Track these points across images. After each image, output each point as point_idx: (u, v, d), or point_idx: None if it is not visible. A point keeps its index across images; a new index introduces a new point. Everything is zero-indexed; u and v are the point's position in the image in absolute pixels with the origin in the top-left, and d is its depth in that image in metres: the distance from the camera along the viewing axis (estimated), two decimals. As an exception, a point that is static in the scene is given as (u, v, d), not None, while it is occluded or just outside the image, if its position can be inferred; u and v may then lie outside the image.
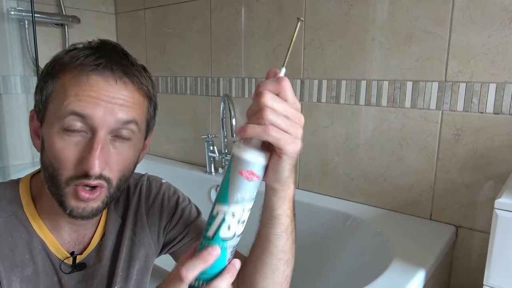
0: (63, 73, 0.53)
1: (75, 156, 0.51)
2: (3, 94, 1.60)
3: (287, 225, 0.52)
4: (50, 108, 0.53)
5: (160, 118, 1.87)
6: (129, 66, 0.55)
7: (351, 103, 1.26)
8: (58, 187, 0.52)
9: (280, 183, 0.48)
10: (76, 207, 0.53)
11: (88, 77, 0.52)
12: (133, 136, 0.55)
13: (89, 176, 0.50)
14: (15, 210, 0.57)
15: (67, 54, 0.54)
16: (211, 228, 0.44)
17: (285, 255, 0.54)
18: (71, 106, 0.50)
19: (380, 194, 1.24)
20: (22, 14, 1.58)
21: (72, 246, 0.61)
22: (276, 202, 0.50)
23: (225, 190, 0.43)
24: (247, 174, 0.43)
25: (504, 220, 0.69)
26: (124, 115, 0.53)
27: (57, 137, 0.51)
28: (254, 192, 0.44)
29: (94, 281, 0.62)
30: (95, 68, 0.52)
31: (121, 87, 0.53)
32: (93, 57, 0.52)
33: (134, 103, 0.55)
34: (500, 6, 0.98)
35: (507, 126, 1.01)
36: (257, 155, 0.44)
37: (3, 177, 1.55)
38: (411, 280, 0.83)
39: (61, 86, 0.52)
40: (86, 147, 0.51)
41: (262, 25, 1.45)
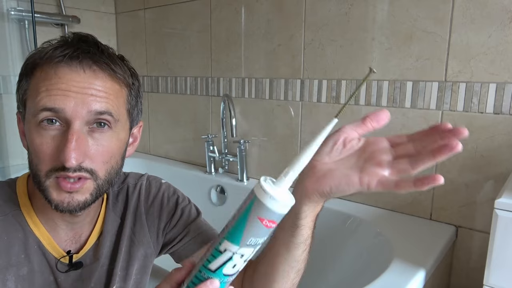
0: (35, 69, 0.53)
1: (52, 149, 0.51)
2: (3, 94, 1.60)
3: (307, 237, 0.51)
4: (27, 106, 0.53)
5: (160, 118, 1.89)
6: (99, 54, 0.53)
7: (351, 103, 1.26)
8: (39, 182, 0.52)
9: (322, 199, 0.46)
10: (61, 201, 0.52)
11: (56, 70, 0.51)
12: (112, 126, 0.54)
13: (67, 168, 0.50)
14: (12, 209, 0.57)
15: (37, 51, 0.54)
16: (215, 262, 0.41)
17: (297, 264, 0.54)
18: (43, 102, 0.50)
19: (380, 194, 1.24)
20: (22, 14, 1.58)
21: (69, 245, 0.61)
22: (304, 211, 0.48)
23: (239, 231, 0.40)
24: (267, 222, 0.39)
25: (504, 220, 0.69)
26: (97, 106, 0.51)
27: (35, 132, 0.51)
28: (267, 236, 0.41)
29: (92, 280, 0.62)
30: (61, 59, 0.51)
31: (91, 76, 0.52)
32: (61, 49, 0.52)
33: (107, 92, 0.53)
34: (500, 6, 0.98)
35: (507, 126, 1.01)
36: (284, 207, 0.39)
37: (3, 177, 1.55)
38: (411, 280, 0.83)
39: (34, 83, 0.52)
40: (62, 140, 0.50)
41: (262, 25, 1.45)
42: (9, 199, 0.58)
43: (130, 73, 0.58)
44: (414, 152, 0.42)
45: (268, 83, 1.45)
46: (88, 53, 0.52)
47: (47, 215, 0.59)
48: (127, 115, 0.58)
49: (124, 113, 0.57)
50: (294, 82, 1.38)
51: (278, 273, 0.54)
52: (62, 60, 0.51)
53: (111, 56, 0.55)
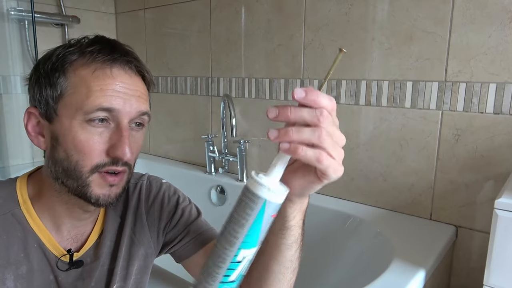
0: (77, 68, 0.54)
1: (101, 145, 0.54)
2: (3, 94, 1.59)
3: (298, 235, 0.52)
4: (67, 102, 0.54)
5: (160, 118, 1.89)
6: (139, 61, 0.59)
7: (351, 103, 1.26)
8: (79, 178, 0.54)
9: (301, 198, 0.47)
10: (103, 194, 0.55)
11: (111, 70, 0.55)
12: (145, 125, 0.60)
13: (118, 162, 0.54)
14: (11, 208, 0.57)
15: (72, 49, 0.56)
16: (235, 272, 0.41)
17: (292, 264, 0.54)
18: (99, 101, 0.53)
19: (380, 194, 1.24)
20: (22, 14, 1.58)
21: (70, 244, 0.61)
22: (291, 213, 0.49)
23: (255, 235, 0.40)
24: (275, 215, 0.41)
25: (504, 220, 0.69)
26: (142, 106, 0.57)
27: (80, 129, 0.53)
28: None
29: (92, 279, 0.62)
30: (114, 61, 0.55)
31: (137, 80, 0.58)
32: (107, 50, 0.55)
33: (146, 95, 0.59)
34: (500, 6, 0.98)
35: (507, 126, 1.01)
36: (284, 195, 0.41)
37: (3, 177, 1.55)
38: (411, 280, 0.83)
39: (80, 81, 0.54)
40: (113, 136, 0.54)
41: (262, 25, 1.45)
42: (8, 198, 0.58)
43: (150, 77, 0.63)
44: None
45: (268, 83, 1.45)
46: (136, 59, 0.58)
47: (51, 214, 0.59)
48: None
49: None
50: (294, 82, 1.38)
51: (275, 276, 0.55)
52: (116, 62, 0.55)
53: (143, 63, 0.61)
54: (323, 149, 0.39)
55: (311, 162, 0.39)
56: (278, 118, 0.39)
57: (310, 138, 0.38)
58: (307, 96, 0.38)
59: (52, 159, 0.56)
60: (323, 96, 0.39)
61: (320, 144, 0.38)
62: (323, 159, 0.39)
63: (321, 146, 0.39)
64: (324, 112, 0.38)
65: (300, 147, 0.38)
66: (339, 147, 0.41)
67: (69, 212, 0.59)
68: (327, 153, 0.39)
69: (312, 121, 0.38)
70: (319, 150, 0.39)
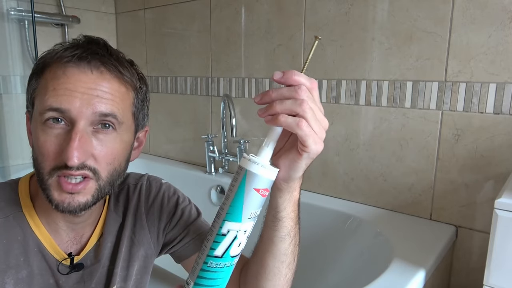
0: (45, 69, 0.54)
1: (56, 148, 0.51)
2: (3, 94, 1.59)
3: (291, 228, 0.52)
4: (36, 104, 0.54)
5: (160, 118, 1.89)
6: (107, 56, 0.54)
7: (351, 103, 1.26)
8: (42, 180, 0.52)
9: (289, 183, 0.47)
10: (61, 201, 0.52)
11: (64, 69, 0.52)
12: (117, 128, 0.54)
13: (69, 167, 0.50)
14: (13, 211, 0.57)
15: (49, 52, 0.55)
16: (221, 246, 0.42)
17: (287, 258, 0.54)
18: (50, 101, 0.51)
19: (380, 194, 1.24)
20: (22, 14, 1.58)
21: (70, 246, 0.61)
22: (281, 204, 0.49)
23: (238, 207, 0.41)
24: (263, 191, 0.42)
25: (504, 220, 0.69)
26: (102, 107, 0.52)
27: (40, 130, 0.52)
28: (262, 206, 0.44)
29: (92, 281, 0.62)
30: (70, 59, 0.52)
31: (98, 77, 0.52)
32: (71, 50, 0.53)
33: (113, 94, 0.53)
34: (500, 6, 0.98)
35: (507, 126, 1.01)
36: (274, 172, 0.43)
37: (3, 177, 1.55)
38: (411, 280, 0.83)
39: (43, 82, 0.53)
40: (66, 138, 0.51)
41: (262, 25, 1.45)
42: (10, 201, 0.58)
43: (138, 77, 0.59)
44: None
45: (268, 83, 1.45)
46: (97, 55, 0.53)
47: (49, 216, 0.59)
48: (132, 118, 0.58)
49: (129, 116, 0.57)
50: (294, 82, 1.38)
51: (270, 270, 0.55)
52: (71, 60, 0.52)
53: (120, 59, 0.56)
54: (303, 117, 0.41)
55: (291, 127, 0.41)
56: (262, 101, 0.43)
57: (291, 106, 0.42)
58: (285, 75, 0.42)
59: (32, 159, 0.56)
60: (301, 75, 0.42)
61: (301, 113, 0.41)
62: (302, 125, 0.41)
63: (302, 114, 0.41)
64: (302, 87, 0.42)
65: (281, 114, 0.42)
66: (321, 125, 0.43)
67: (62, 216, 0.58)
68: (307, 121, 0.41)
69: (291, 94, 0.42)
70: (299, 117, 0.41)
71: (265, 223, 0.53)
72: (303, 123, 0.41)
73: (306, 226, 0.55)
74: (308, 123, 0.41)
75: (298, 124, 0.41)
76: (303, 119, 0.41)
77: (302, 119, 0.41)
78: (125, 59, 0.58)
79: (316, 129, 0.42)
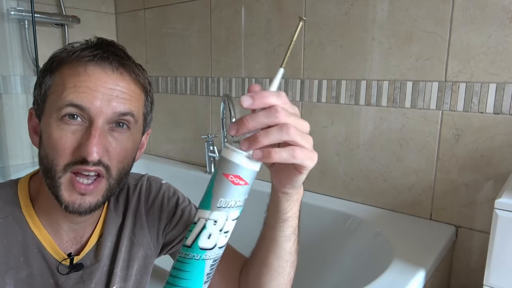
0: (61, 67, 0.54)
1: (73, 143, 0.51)
2: (3, 94, 1.59)
3: (296, 226, 0.52)
4: (49, 101, 0.54)
5: (160, 118, 1.89)
6: (126, 58, 0.56)
7: (351, 103, 1.26)
8: (53, 178, 0.52)
9: (294, 189, 0.48)
10: (72, 202, 0.52)
11: (86, 68, 0.53)
12: (131, 127, 0.56)
13: (87, 162, 0.50)
14: (13, 211, 0.57)
15: (64, 50, 0.55)
16: (191, 235, 0.40)
17: (291, 257, 0.54)
18: (70, 97, 0.51)
19: (380, 194, 1.24)
20: (22, 14, 1.58)
21: (70, 246, 0.61)
22: (288, 205, 0.49)
23: (208, 194, 0.40)
24: (233, 178, 0.39)
25: (504, 220, 0.69)
26: (121, 107, 0.54)
27: (55, 126, 0.52)
28: (241, 199, 0.40)
29: (92, 281, 0.62)
30: (92, 58, 0.53)
31: (118, 78, 0.54)
32: (90, 49, 0.54)
33: (130, 94, 0.55)
34: (500, 6, 0.98)
35: (507, 126, 1.01)
36: (250, 160, 0.39)
37: (3, 177, 1.55)
38: (411, 280, 0.83)
39: (60, 79, 0.53)
40: (84, 134, 0.51)
41: (262, 25, 1.45)
42: (10, 201, 0.58)
43: (148, 81, 0.61)
44: None
45: (268, 83, 1.45)
46: (117, 56, 0.55)
47: (49, 216, 0.59)
48: (143, 118, 0.60)
49: (141, 117, 0.59)
50: (294, 82, 1.38)
51: (274, 270, 0.55)
52: (93, 60, 0.53)
53: (135, 62, 0.58)
54: (295, 143, 0.39)
55: (287, 161, 0.40)
56: (239, 133, 0.39)
57: (279, 137, 0.39)
58: (255, 102, 0.39)
59: (39, 157, 0.56)
60: (270, 94, 0.40)
61: (291, 140, 0.39)
62: (297, 154, 0.39)
63: (293, 141, 0.39)
64: (278, 108, 0.39)
65: (273, 151, 0.39)
66: (306, 135, 0.41)
67: (65, 215, 0.58)
68: (299, 147, 0.40)
69: (271, 120, 0.39)
70: (291, 147, 0.39)
71: (267, 224, 0.53)
72: (296, 152, 0.39)
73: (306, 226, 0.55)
74: (300, 147, 0.40)
75: (293, 155, 0.39)
76: (295, 148, 0.39)
77: (294, 148, 0.39)
78: (136, 63, 0.60)
79: (307, 146, 0.40)
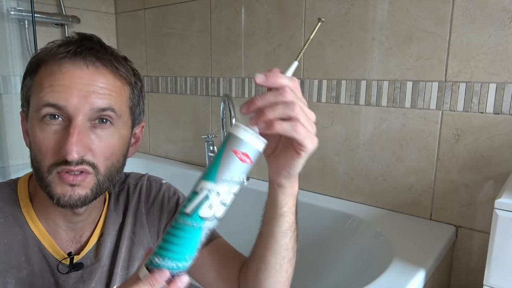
0: (39, 67, 0.54)
1: (54, 144, 0.51)
2: (3, 94, 1.59)
3: (292, 222, 0.53)
4: (31, 102, 0.54)
5: (160, 118, 1.89)
6: (102, 51, 0.54)
7: (351, 103, 1.26)
8: (42, 178, 0.52)
9: (290, 179, 0.48)
10: (63, 195, 0.52)
11: (60, 66, 0.52)
12: (114, 122, 0.55)
13: (69, 162, 0.50)
14: (12, 211, 0.57)
15: (42, 49, 0.55)
16: (191, 204, 0.42)
17: (288, 253, 0.55)
18: (46, 98, 0.51)
19: (380, 194, 1.24)
20: (22, 14, 1.58)
21: (69, 246, 0.61)
22: (283, 199, 0.50)
23: (214, 167, 0.42)
24: (241, 155, 0.41)
25: (504, 220, 0.69)
26: (99, 102, 0.52)
27: (37, 127, 0.52)
28: (243, 175, 0.43)
29: (92, 281, 0.62)
30: (64, 55, 0.52)
31: (94, 72, 0.53)
32: (65, 46, 0.53)
33: (110, 89, 0.54)
34: (500, 6, 0.98)
35: (507, 126, 1.01)
36: (257, 140, 0.42)
37: (3, 177, 1.55)
38: (411, 280, 0.83)
39: (38, 80, 0.53)
40: (64, 134, 0.51)
41: (262, 25, 1.45)
42: (10, 201, 0.58)
43: (133, 72, 0.59)
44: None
45: (268, 83, 1.45)
46: (92, 50, 0.53)
47: (48, 215, 0.59)
48: (129, 112, 0.58)
49: (126, 111, 0.57)
50: (294, 82, 1.38)
51: (272, 267, 0.55)
52: (66, 56, 0.52)
53: (114, 54, 0.56)
54: (298, 120, 0.42)
55: (288, 133, 0.42)
56: (250, 110, 0.43)
57: (284, 111, 0.41)
58: (268, 79, 0.42)
59: (30, 159, 0.55)
60: (283, 76, 0.42)
61: (295, 116, 0.42)
62: (299, 129, 0.42)
63: (296, 117, 0.42)
64: (286, 88, 0.42)
65: (277, 121, 0.42)
66: (311, 121, 0.44)
67: (62, 214, 0.58)
68: (302, 124, 0.42)
69: (278, 99, 0.42)
70: (294, 121, 0.42)
71: (264, 220, 0.54)
72: (298, 126, 0.42)
73: (306, 226, 0.55)
74: (302, 125, 0.42)
75: (295, 129, 0.42)
76: (298, 123, 0.42)
77: (297, 122, 0.42)
78: (119, 55, 0.58)
79: (309, 128, 0.43)
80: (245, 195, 0.72)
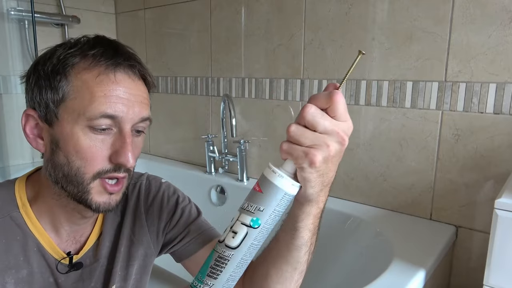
0: (79, 72, 0.52)
1: (104, 152, 0.53)
2: (3, 94, 1.59)
3: (308, 239, 0.51)
4: (70, 107, 0.52)
5: (160, 118, 1.89)
6: (142, 64, 0.58)
7: (351, 103, 1.26)
8: (80, 184, 0.53)
9: (306, 197, 0.46)
10: (103, 202, 0.55)
11: (114, 75, 0.53)
12: (145, 130, 0.59)
13: (120, 169, 0.54)
14: (10, 211, 0.57)
15: (75, 51, 0.53)
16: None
17: (300, 266, 0.54)
18: (103, 108, 0.52)
19: (380, 194, 1.24)
20: (22, 14, 1.58)
21: (69, 246, 0.61)
22: (299, 215, 0.49)
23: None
24: (256, 186, 0.46)
25: (504, 220, 0.69)
26: (144, 112, 0.56)
27: (82, 135, 0.52)
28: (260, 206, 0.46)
29: (92, 280, 0.62)
30: (118, 65, 0.54)
31: (140, 84, 0.57)
32: (110, 53, 0.54)
33: (147, 99, 0.58)
34: (500, 6, 0.98)
35: (507, 126, 1.01)
36: (292, 186, 0.45)
37: (3, 177, 1.55)
38: (411, 280, 0.83)
39: (84, 85, 0.52)
40: (116, 142, 0.53)
41: (262, 25, 1.45)
42: (7, 201, 0.58)
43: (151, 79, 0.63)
44: None
45: (268, 83, 1.45)
46: (139, 63, 0.57)
47: (51, 217, 0.59)
48: None
49: None
50: (294, 82, 1.38)
51: (281, 274, 0.55)
52: (120, 67, 0.54)
53: (141, 62, 0.59)
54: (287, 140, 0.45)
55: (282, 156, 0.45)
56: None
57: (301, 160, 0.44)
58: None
59: (51, 162, 0.55)
60: (319, 94, 0.47)
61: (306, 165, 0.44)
62: (283, 148, 0.45)
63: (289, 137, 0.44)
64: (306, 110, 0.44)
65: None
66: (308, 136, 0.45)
67: (68, 216, 0.59)
68: (287, 142, 0.45)
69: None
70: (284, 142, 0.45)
71: (282, 226, 0.53)
72: (283, 145, 0.45)
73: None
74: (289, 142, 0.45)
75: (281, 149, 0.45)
76: (284, 143, 0.45)
77: (283, 142, 0.45)
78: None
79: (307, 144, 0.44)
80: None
